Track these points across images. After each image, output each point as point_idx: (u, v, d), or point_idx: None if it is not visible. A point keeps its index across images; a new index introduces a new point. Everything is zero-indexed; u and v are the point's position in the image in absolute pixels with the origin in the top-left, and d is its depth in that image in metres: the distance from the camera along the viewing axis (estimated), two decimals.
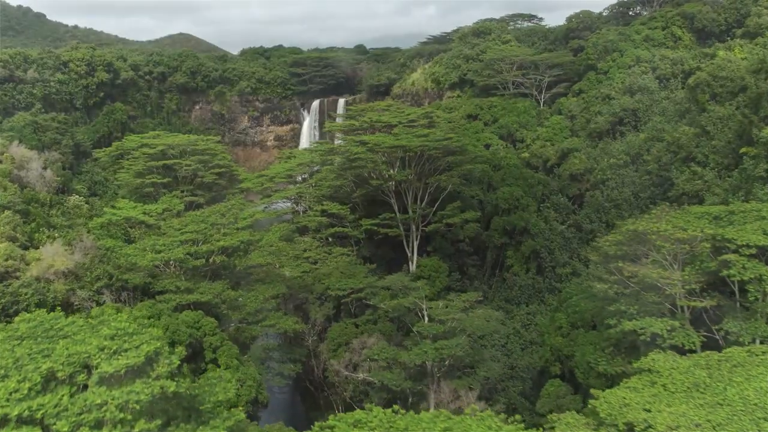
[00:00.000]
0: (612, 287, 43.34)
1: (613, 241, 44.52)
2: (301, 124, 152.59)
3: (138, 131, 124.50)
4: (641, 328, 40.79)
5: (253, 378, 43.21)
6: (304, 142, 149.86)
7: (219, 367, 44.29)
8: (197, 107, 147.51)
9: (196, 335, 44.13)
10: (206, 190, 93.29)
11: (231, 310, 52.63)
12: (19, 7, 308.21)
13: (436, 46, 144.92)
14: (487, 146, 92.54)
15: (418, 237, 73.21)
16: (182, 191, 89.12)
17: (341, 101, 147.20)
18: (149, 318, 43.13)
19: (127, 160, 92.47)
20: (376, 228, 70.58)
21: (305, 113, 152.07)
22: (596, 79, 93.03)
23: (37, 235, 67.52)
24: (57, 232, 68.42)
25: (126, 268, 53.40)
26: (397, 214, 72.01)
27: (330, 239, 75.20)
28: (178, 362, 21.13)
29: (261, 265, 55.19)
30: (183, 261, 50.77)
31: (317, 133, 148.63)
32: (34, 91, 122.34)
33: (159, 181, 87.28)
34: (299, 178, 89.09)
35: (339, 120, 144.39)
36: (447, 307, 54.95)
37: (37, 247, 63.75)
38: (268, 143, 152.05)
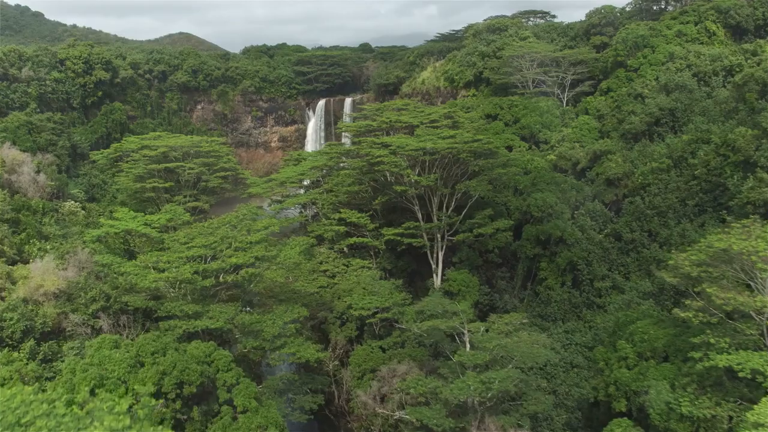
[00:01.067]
0: (697, 315, 36.34)
1: (695, 261, 37.47)
2: (306, 125, 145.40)
3: (138, 132, 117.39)
4: (738, 364, 33.87)
5: (275, 423, 36.13)
6: (310, 143, 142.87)
7: (235, 409, 37.22)
8: (199, 107, 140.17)
9: (208, 372, 37.02)
10: (211, 195, 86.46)
11: (245, 336, 45.57)
12: (17, 5, 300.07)
13: (446, 44, 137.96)
14: (509, 148, 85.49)
15: (444, 247, 66.20)
16: (185, 196, 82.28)
17: (348, 101, 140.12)
18: (153, 354, 35.99)
19: (127, 162, 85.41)
20: (398, 238, 63.43)
21: (311, 113, 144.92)
22: (626, 77, 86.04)
23: (27, 247, 60.25)
24: (49, 244, 61.23)
25: (125, 288, 46.25)
26: (422, 222, 64.96)
27: (345, 250, 68.24)
28: None
29: (275, 281, 47.99)
30: (190, 281, 43.65)
31: (323, 134, 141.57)
32: (29, 90, 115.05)
33: (160, 185, 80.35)
34: (306, 183, 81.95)
35: (347, 119, 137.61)
36: (488, 330, 48.05)
37: (27, 262, 56.51)
38: (272, 144, 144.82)
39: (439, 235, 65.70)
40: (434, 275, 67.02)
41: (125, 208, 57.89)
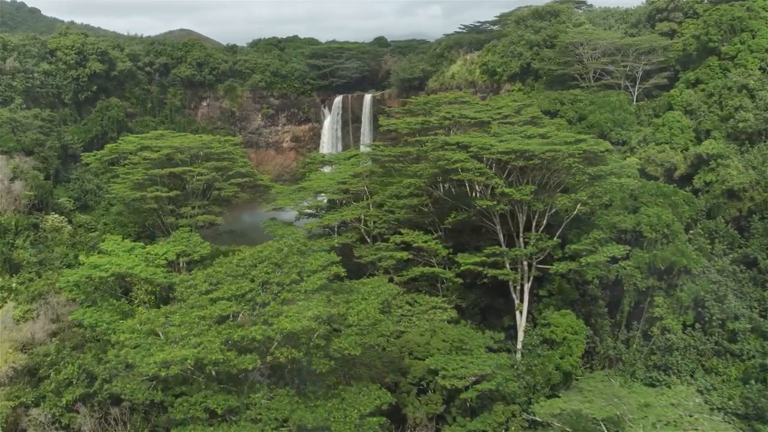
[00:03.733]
0: None
1: None
2: (321, 124, 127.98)
3: (137, 131, 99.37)
4: None
5: None
6: (326, 143, 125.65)
7: None
8: (204, 104, 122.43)
9: None
10: (224, 206, 69.09)
11: None
12: (13, 2, 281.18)
13: (476, 35, 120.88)
14: None
15: (531, 278, 49.37)
16: (193, 207, 64.83)
17: (367, 97, 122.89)
18: None
19: (124, 166, 67.88)
20: (480, 268, 46.56)
21: (326, 111, 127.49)
22: (720, 66, 69.48)
23: None
24: (19, 277, 43.95)
25: (117, 366, 29.13)
26: (503, 246, 48.11)
27: (397, 281, 51.23)
28: None
29: (347, 353, 30.67)
30: (222, 361, 26.58)
31: (340, 134, 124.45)
32: (14, 84, 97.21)
33: (164, 194, 62.70)
34: (312, 195, 63.92)
35: (366, 117, 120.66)
36: (647, 406, 31.45)
37: None
38: (284, 144, 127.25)
39: (526, 263, 48.86)
40: (517, 313, 50.13)
41: (117, 236, 40.12)
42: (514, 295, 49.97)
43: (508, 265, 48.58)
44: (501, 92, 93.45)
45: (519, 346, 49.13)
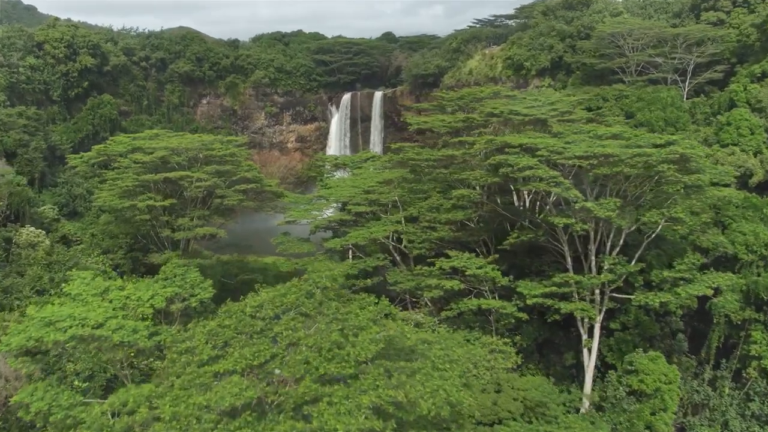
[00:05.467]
0: None
1: None
2: (328, 123, 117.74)
3: (131, 130, 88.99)
4: None
5: None
6: (333, 144, 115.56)
7: None
8: (204, 101, 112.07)
9: None
10: (227, 216, 59.02)
11: None
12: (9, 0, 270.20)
13: (492, 29, 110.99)
14: None
15: (602, 311, 39.49)
16: (192, 218, 54.68)
17: (378, 95, 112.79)
18: None
19: (113, 170, 57.68)
20: (549, 301, 36.62)
21: (333, 109, 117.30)
22: None
23: None
24: None
25: None
26: (571, 271, 38.26)
27: (431, 309, 41.45)
28: None
29: None
30: None
31: (349, 134, 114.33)
32: None
33: (158, 204, 52.47)
34: (335, 205, 53.46)
35: (377, 114, 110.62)
36: None
37: None
38: (289, 145, 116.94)
39: (598, 292, 39.02)
40: (584, 351, 40.26)
41: (87, 272, 28.72)
42: (582, 330, 40.07)
43: (577, 295, 38.73)
44: (529, 88, 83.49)
45: (587, 390, 39.46)
